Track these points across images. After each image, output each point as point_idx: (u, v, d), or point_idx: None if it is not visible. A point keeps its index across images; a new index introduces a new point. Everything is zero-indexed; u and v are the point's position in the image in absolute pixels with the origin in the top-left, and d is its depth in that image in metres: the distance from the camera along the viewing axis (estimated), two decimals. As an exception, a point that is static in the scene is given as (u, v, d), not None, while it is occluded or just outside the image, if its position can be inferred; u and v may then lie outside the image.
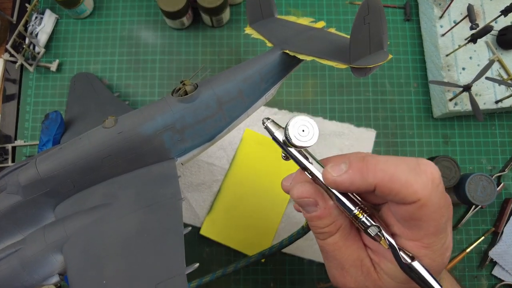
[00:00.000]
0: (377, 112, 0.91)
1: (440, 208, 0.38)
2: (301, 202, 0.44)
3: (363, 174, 0.38)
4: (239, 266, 0.63)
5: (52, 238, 0.49)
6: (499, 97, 0.83)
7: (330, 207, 0.42)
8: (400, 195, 0.36)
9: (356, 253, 0.44)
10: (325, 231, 0.43)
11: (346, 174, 0.39)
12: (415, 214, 0.37)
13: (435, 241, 0.39)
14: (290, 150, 0.44)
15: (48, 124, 0.73)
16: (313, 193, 0.43)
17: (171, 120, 0.54)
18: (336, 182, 0.39)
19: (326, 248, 0.44)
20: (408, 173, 0.37)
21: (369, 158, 0.39)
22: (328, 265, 0.46)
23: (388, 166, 0.37)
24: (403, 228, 0.39)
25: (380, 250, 0.43)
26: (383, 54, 0.50)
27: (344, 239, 0.43)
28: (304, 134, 0.40)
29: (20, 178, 0.51)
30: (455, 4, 0.86)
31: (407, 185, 0.36)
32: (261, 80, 0.58)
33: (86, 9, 0.93)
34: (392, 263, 0.41)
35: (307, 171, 0.43)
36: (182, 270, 0.43)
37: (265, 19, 0.70)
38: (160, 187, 0.52)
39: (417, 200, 0.36)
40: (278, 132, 0.45)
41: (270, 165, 0.86)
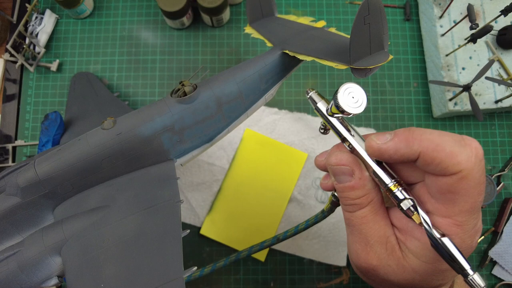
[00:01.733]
0: (377, 112, 0.91)
1: (480, 184, 0.38)
2: (337, 170, 0.44)
3: (409, 142, 0.39)
4: (252, 250, 0.63)
5: (50, 241, 0.49)
6: (499, 97, 0.83)
7: (366, 178, 0.43)
8: (443, 165, 0.37)
9: (383, 230, 0.44)
10: (356, 202, 0.44)
11: (392, 141, 0.40)
12: (454, 187, 0.38)
13: (468, 219, 0.39)
14: (331, 120, 0.44)
15: (47, 125, 0.73)
16: (351, 161, 0.43)
17: (170, 121, 0.54)
18: (381, 149, 0.40)
19: (354, 221, 0.45)
20: (453, 144, 0.37)
21: (414, 128, 0.40)
22: (352, 239, 0.46)
23: (434, 136, 0.38)
24: (437, 203, 0.40)
25: (407, 228, 0.43)
26: (383, 55, 0.50)
27: (373, 213, 0.44)
28: (354, 100, 0.41)
29: (19, 180, 0.51)
30: (455, 4, 0.86)
31: (451, 155, 0.37)
32: (261, 81, 0.58)
33: (86, 9, 0.93)
34: (419, 241, 0.41)
35: (347, 142, 0.44)
36: (179, 274, 0.43)
37: (265, 18, 0.70)
38: (159, 189, 0.52)
39: (459, 171, 0.37)
40: (321, 103, 0.46)
41: (270, 165, 0.87)
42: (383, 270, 0.44)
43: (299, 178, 0.86)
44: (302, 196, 0.85)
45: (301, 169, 0.86)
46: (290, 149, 0.86)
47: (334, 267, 0.84)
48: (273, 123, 0.89)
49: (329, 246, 0.84)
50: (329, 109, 0.45)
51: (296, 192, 0.85)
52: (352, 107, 0.41)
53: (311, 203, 0.85)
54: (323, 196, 0.86)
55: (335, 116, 0.45)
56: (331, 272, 0.84)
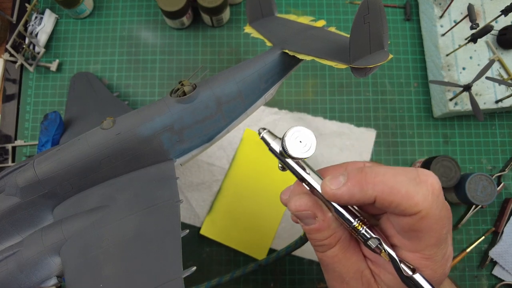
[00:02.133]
0: (377, 112, 0.91)
1: (441, 219, 0.37)
2: (299, 215, 0.43)
3: (362, 186, 0.37)
4: (235, 275, 0.64)
5: (50, 241, 0.49)
6: (499, 96, 0.83)
7: (329, 219, 0.42)
8: (401, 207, 0.36)
9: (356, 265, 0.43)
10: (324, 243, 0.43)
11: (345, 187, 0.38)
12: (416, 226, 0.37)
13: (436, 252, 0.39)
14: (287, 161, 0.43)
15: (47, 125, 0.72)
16: (311, 205, 0.42)
17: (169, 121, 0.54)
18: (336, 195, 0.39)
19: (326, 261, 0.44)
20: (408, 185, 0.36)
21: (368, 169, 0.38)
22: (328, 277, 0.46)
23: (387, 178, 0.37)
24: (404, 239, 0.39)
25: (380, 261, 0.42)
26: (383, 54, 0.50)
27: (343, 251, 0.43)
28: (302, 145, 0.40)
29: (18, 180, 0.51)
30: (455, 4, 0.86)
31: (407, 197, 0.36)
32: (261, 80, 0.58)
33: (86, 9, 0.93)
34: (392, 274, 0.40)
35: (305, 182, 0.42)
36: (179, 274, 0.43)
37: (265, 18, 0.70)
38: (158, 189, 0.52)
39: (418, 212, 0.36)
40: (274, 142, 0.45)
41: (270, 165, 0.86)
42: None
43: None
44: (302, 196, 0.85)
45: (301, 169, 0.85)
46: (290, 149, 0.86)
47: (334, 267, 0.84)
48: (273, 123, 0.89)
49: (329, 246, 0.84)
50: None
51: (296, 192, 0.85)
52: (300, 152, 0.40)
53: (311, 203, 0.85)
54: (323, 196, 0.85)
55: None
56: (331, 272, 0.84)
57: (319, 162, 0.86)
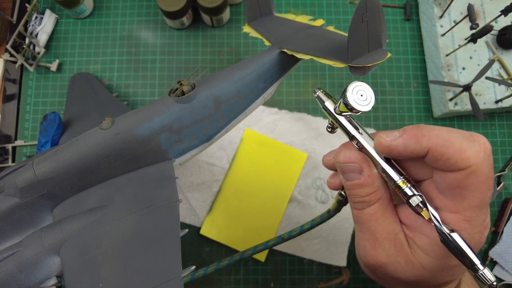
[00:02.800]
0: (377, 112, 0.91)
1: (489, 179, 0.38)
2: (346, 168, 0.44)
3: (418, 138, 0.39)
4: (257, 250, 0.62)
5: (49, 241, 0.49)
6: (499, 97, 0.83)
7: (374, 175, 0.43)
8: (452, 160, 0.37)
9: (391, 226, 0.44)
10: (365, 200, 0.44)
11: (401, 138, 0.40)
12: (463, 182, 0.38)
13: (477, 215, 0.39)
14: (339, 119, 0.45)
15: (46, 125, 0.73)
16: (360, 159, 0.43)
17: (168, 121, 0.54)
18: (391, 146, 0.40)
19: (362, 218, 0.45)
20: (461, 140, 0.38)
21: (423, 125, 0.40)
22: (360, 236, 0.46)
23: (442, 132, 0.38)
24: (446, 199, 0.40)
25: (416, 225, 0.43)
26: (381, 53, 0.50)
27: (382, 210, 0.44)
28: (363, 98, 0.41)
29: (17, 180, 0.51)
30: (455, 4, 0.86)
31: (460, 150, 0.37)
32: (259, 80, 0.58)
33: (86, 9, 0.93)
34: (428, 237, 0.41)
35: (355, 141, 0.44)
36: (178, 273, 0.43)
37: (263, 17, 0.69)
38: (157, 189, 0.52)
39: (468, 167, 0.37)
40: (328, 102, 0.46)
41: (270, 165, 0.86)
42: (392, 267, 0.44)
43: (299, 178, 0.86)
44: (302, 196, 0.85)
45: (301, 169, 0.86)
46: (290, 149, 0.86)
47: (334, 267, 0.84)
48: (273, 123, 0.89)
49: (329, 246, 0.84)
50: (337, 108, 0.45)
51: (296, 192, 0.85)
52: (361, 104, 0.41)
53: (311, 203, 0.85)
54: (323, 196, 0.85)
55: (343, 114, 0.45)
56: (331, 272, 0.84)
57: (319, 162, 0.86)
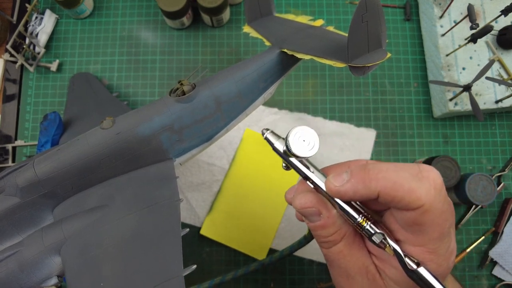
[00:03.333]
0: (377, 112, 0.91)
1: (444, 213, 0.38)
2: (304, 212, 0.43)
3: (366, 182, 0.38)
4: (238, 274, 0.64)
5: (50, 240, 0.49)
6: (499, 97, 0.83)
7: (334, 215, 0.42)
8: (404, 202, 0.37)
9: (361, 261, 0.44)
10: (329, 240, 0.43)
11: (349, 183, 0.39)
12: (419, 220, 0.37)
13: (439, 246, 0.39)
14: (291, 160, 0.44)
15: (46, 125, 0.73)
16: (315, 202, 0.43)
17: (168, 120, 0.54)
18: (340, 192, 0.40)
19: (331, 257, 0.44)
20: (410, 180, 0.37)
21: (370, 166, 0.39)
22: (334, 273, 0.46)
23: (390, 173, 0.38)
24: (407, 233, 0.40)
25: (384, 256, 0.43)
26: (381, 53, 0.50)
27: (348, 247, 0.43)
28: (305, 144, 0.41)
29: (18, 180, 0.51)
30: (455, 4, 0.86)
31: (410, 191, 0.36)
32: (259, 80, 0.58)
33: (86, 9, 0.93)
34: (397, 269, 0.41)
35: (309, 181, 0.43)
36: (179, 272, 0.43)
37: (263, 18, 0.69)
38: (158, 188, 0.52)
39: (420, 206, 0.36)
40: (278, 142, 0.45)
41: (270, 165, 0.86)
42: None
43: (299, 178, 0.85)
44: (302, 196, 0.85)
45: (301, 169, 0.85)
46: (290, 149, 0.86)
47: (334, 267, 0.84)
48: (273, 123, 0.89)
49: (329, 246, 0.84)
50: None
51: (296, 192, 0.85)
52: (304, 150, 0.40)
53: (311, 203, 0.85)
54: (323, 196, 0.85)
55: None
56: (331, 272, 0.84)
57: (319, 162, 0.86)
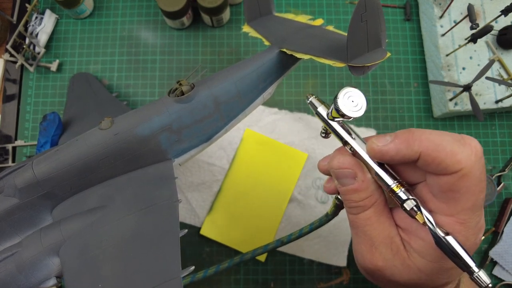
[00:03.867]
0: (377, 112, 0.91)
1: (481, 182, 0.39)
2: (340, 173, 0.44)
3: (409, 142, 0.39)
4: (256, 252, 0.62)
5: (48, 241, 0.49)
6: (499, 97, 0.83)
7: (368, 180, 0.43)
8: (444, 164, 0.38)
9: (387, 230, 0.44)
10: (359, 205, 0.44)
11: (392, 143, 0.40)
12: (456, 185, 0.38)
13: (471, 217, 0.40)
14: (332, 125, 0.45)
15: (46, 126, 0.73)
16: (354, 164, 0.43)
17: (167, 120, 0.54)
18: (382, 151, 0.40)
19: (358, 223, 0.45)
20: (452, 143, 0.38)
21: (415, 129, 0.40)
22: (357, 241, 0.46)
23: (433, 136, 0.39)
24: (440, 202, 0.40)
25: (411, 228, 0.43)
26: (381, 52, 0.50)
27: (377, 215, 0.44)
28: (354, 104, 0.41)
29: (17, 181, 0.51)
30: (455, 4, 0.85)
31: (451, 154, 0.37)
32: (259, 79, 0.58)
33: (86, 9, 0.93)
34: (423, 240, 0.41)
35: (348, 146, 0.44)
36: (177, 273, 0.43)
37: (263, 17, 0.69)
38: (157, 189, 0.52)
39: (460, 170, 0.37)
40: (321, 107, 0.46)
41: (270, 165, 0.86)
42: (389, 270, 0.44)
43: (299, 178, 0.86)
44: (302, 196, 0.85)
45: (301, 169, 0.86)
46: (290, 149, 0.86)
47: (334, 267, 0.84)
48: (273, 123, 0.89)
49: (329, 246, 0.84)
50: (330, 113, 0.45)
51: (296, 192, 0.85)
52: (352, 110, 0.41)
53: (311, 203, 0.85)
54: (323, 196, 0.85)
55: (336, 120, 0.45)
56: (331, 272, 0.84)
57: (319, 162, 0.86)
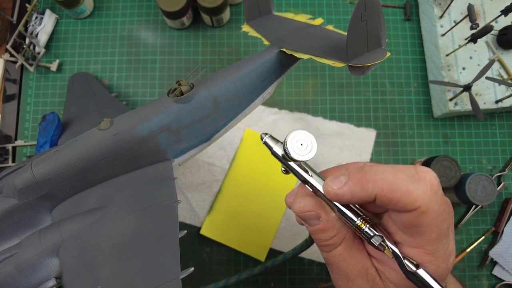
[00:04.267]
0: (377, 112, 0.91)
1: (441, 214, 0.38)
2: (304, 216, 0.44)
3: (363, 185, 0.38)
4: (242, 277, 0.64)
5: (48, 242, 0.49)
6: (499, 97, 0.83)
7: (333, 219, 0.43)
8: (401, 204, 0.37)
9: (361, 263, 0.44)
10: (329, 243, 0.43)
11: (347, 186, 0.39)
12: (416, 221, 0.37)
13: (438, 247, 0.39)
14: (289, 164, 0.44)
15: (45, 126, 0.72)
16: (314, 206, 0.43)
17: (166, 121, 0.54)
18: (338, 194, 0.40)
19: (331, 260, 0.44)
20: (407, 181, 0.37)
21: (367, 168, 0.39)
22: (334, 276, 0.46)
23: (386, 175, 0.38)
24: (405, 235, 0.40)
25: (384, 259, 0.43)
26: (381, 52, 0.49)
27: (348, 250, 0.44)
28: (303, 148, 0.41)
29: (16, 182, 0.51)
30: (455, 4, 0.85)
31: (407, 193, 0.37)
32: (258, 79, 0.58)
33: (86, 9, 0.93)
34: (396, 271, 0.41)
35: (308, 184, 0.43)
36: (177, 274, 0.43)
37: (263, 17, 0.69)
38: (156, 189, 0.52)
39: (417, 208, 0.36)
40: (276, 147, 0.45)
41: (270, 165, 0.86)
42: None
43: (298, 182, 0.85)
44: (302, 196, 0.85)
45: (301, 169, 0.85)
46: (290, 149, 0.86)
47: (334, 267, 0.84)
48: (273, 123, 0.89)
49: (329, 246, 0.84)
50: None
51: (296, 192, 0.85)
52: (301, 154, 0.40)
53: (311, 203, 0.85)
54: (323, 196, 0.85)
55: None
56: (331, 272, 0.84)
57: (319, 162, 0.86)
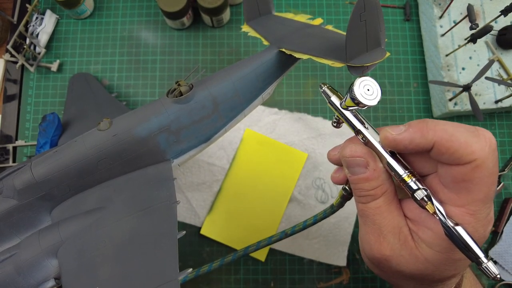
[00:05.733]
0: (377, 112, 0.91)
1: (494, 174, 0.39)
2: (352, 162, 0.44)
3: (423, 132, 0.39)
4: (260, 245, 0.62)
5: (47, 243, 0.49)
6: (499, 97, 0.83)
7: (380, 169, 0.44)
8: (458, 154, 0.38)
9: (396, 220, 0.44)
10: (370, 194, 0.44)
11: (407, 132, 0.40)
12: (469, 176, 0.38)
13: (481, 208, 0.40)
14: (345, 114, 0.45)
15: (45, 126, 0.73)
16: (365, 153, 0.44)
17: (166, 121, 0.54)
18: (396, 140, 0.41)
19: (367, 212, 0.45)
20: (467, 134, 0.38)
21: (428, 119, 0.40)
22: (365, 230, 0.47)
23: (448, 127, 0.39)
24: (451, 193, 0.40)
25: (420, 219, 0.43)
26: (380, 52, 0.49)
27: (387, 204, 0.44)
28: (369, 93, 0.42)
29: (15, 182, 0.51)
30: (455, 4, 0.85)
31: (465, 144, 0.37)
32: (258, 80, 0.58)
33: (86, 10, 0.93)
34: (432, 230, 0.42)
35: (360, 136, 0.44)
36: (175, 275, 0.43)
37: (262, 17, 0.69)
38: (155, 190, 0.52)
39: (473, 160, 0.37)
40: (334, 97, 0.47)
41: (270, 165, 0.86)
42: (396, 260, 0.44)
43: (299, 178, 0.86)
44: (302, 196, 0.85)
45: (301, 169, 0.86)
46: (290, 149, 0.86)
47: (334, 267, 0.84)
48: (273, 123, 0.89)
49: (329, 246, 0.84)
50: (343, 103, 0.45)
51: (296, 192, 0.85)
52: (368, 99, 0.41)
53: (311, 203, 0.85)
54: (323, 196, 0.86)
55: (349, 109, 0.45)
56: (331, 272, 0.84)
57: (319, 162, 0.86)
